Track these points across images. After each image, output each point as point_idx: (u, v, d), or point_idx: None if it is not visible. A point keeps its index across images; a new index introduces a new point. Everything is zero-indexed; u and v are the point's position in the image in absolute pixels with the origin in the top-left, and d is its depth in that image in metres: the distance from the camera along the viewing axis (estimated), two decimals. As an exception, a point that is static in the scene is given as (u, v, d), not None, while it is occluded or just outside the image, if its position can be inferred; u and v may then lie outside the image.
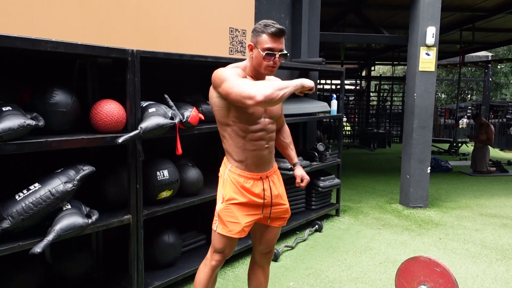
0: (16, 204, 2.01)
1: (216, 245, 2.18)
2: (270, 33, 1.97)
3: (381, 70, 25.45)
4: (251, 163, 2.13)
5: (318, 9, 5.19)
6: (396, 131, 14.56)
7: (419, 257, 2.58)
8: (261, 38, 1.99)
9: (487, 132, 8.24)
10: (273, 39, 1.97)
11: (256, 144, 2.11)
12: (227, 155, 2.19)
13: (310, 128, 5.32)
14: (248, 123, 2.07)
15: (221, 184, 2.19)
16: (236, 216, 2.11)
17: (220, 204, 2.15)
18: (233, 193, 2.12)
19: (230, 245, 2.20)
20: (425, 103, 5.28)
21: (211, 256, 2.22)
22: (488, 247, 4.04)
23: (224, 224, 2.13)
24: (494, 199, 6.06)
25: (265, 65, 2.01)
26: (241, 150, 2.11)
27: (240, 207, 2.12)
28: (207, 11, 3.31)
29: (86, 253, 2.65)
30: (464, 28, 9.94)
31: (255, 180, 2.15)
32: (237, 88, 1.88)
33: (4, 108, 2.01)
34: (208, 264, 2.22)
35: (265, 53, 1.97)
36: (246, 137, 2.09)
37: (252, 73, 2.09)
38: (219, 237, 2.16)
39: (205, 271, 2.22)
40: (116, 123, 2.42)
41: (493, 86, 21.90)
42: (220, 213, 2.14)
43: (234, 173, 2.13)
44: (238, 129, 2.08)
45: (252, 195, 2.14)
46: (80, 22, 2.52)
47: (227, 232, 2.12)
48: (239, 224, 2.12)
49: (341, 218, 4.93)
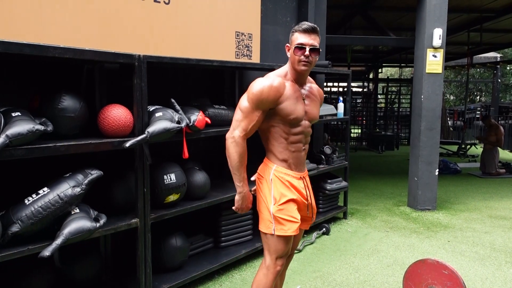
0: (26, 208, 2.04)
1: (278, 250, 2.16)
2: (301, 30, 2.10)
3: (389, 72, 25.33)
4: (292, 162, 2.20)
5: (324, 12, 5.20)
6: (404, 133, 14.47)
7: (427, 260, 2.57)
8: (293, 37, 2.13)
9: (497, 133, 8.17)
10: (304, 35, 2.09)
11: (295, 146, 2.19)
12: (270, 155, 2.22)
13: (316, 130, 5.32)
14: (290, 125, 2.15)
15: (266, 186, 2.20)
16: (292, 213, 2.14)
17: (273, 206, 2.14)
18: (283, 190, 2.16)
19: (290, 244, 2.22)
20: (432, 105, 5.26)
21: (273, 262, 2.17)
22: (498, 250, 4.00)
23: (282, 224, 2.13)
24: (504, 201, 6.00)
25: (298, 60, 2.10)
26: (285, 150, 2.18)
27: (293, 203, 2.17)
28: (214, 15, 3.33)
29: (94, 256, 2.67)
30: (472, 29, 9.88)
31: (297, 179, 2.22)
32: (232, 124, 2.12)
33: (14, 114, 2.04)
34: (272, 271, 2.17)
35: (295, 47, 2.09)
36: (288, 139, 2.17)
37: (292, 75, 2.18)
38: (278, 239, 2.15)
39: (270, 278, 2.16)
40: (123, 127, 2.44)
41: (502, 87, 21.68)
42: (275, 214, 2.13)
43: (280, 172, 2.18)
44: (281, 130, 2.15)
45: (299, 193, 2.21)
46: (88, 28, 2.54)
47: (286, 231, 2.13)
48: (297, 221, 2.16)
49: (349, 220, 4.92)
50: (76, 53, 2.19)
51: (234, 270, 3.42)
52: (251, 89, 2.09)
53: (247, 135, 2.11)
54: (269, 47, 4.44)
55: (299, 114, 2.14)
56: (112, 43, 2.66)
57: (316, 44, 2.11)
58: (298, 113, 2.13)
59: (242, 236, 3.64)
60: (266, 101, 2.06)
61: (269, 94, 2.06)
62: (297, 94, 2.16)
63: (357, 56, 15.04)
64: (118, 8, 2.68)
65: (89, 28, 2.56)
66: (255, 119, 2.09)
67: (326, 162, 4.60)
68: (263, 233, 2.20)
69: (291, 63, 2.16)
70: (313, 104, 2.26)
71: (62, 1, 2.41)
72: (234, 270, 3.42)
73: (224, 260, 3.29)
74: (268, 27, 4.43)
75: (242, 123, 2.08)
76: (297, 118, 2.14)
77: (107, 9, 2.63)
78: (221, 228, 3.52)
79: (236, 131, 2.08)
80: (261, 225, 2.20)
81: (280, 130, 2.15)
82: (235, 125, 2.10)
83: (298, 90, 2.17)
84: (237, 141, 2.07)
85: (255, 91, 2.06)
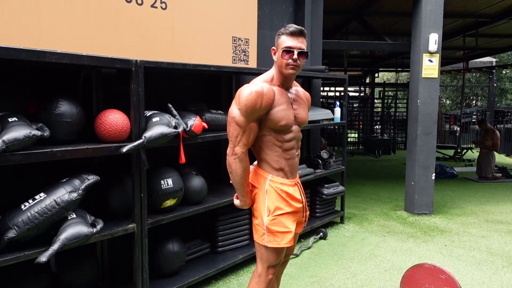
0: (22, 214, 2.03)
1: (271, 260, 2.15)
2: (288, 33, 2.03)
3: (385, 76, 25.43)
4: (288, 170, 2.17)
5: (320, 17, 5.22)
6: (401, 137, 14.51)
7: (424, 264, 2.57)
8: (280, 40, 2.06)
9: (493, 138, 8.20)
10: (291, 38, 2.03)
11: (290, 153, 2.16)
12: (263, 165, 2.16)
13: (313, 135, 5.33)
14: (282, 132, 2.10)
15: (261, 197, 2.14)
16: (285, 225, 2.11)
17: (266, 217, 2.11)
18: (278, 203, 2.12)
19: (282, 254, 2.21)
20: (428, 109, 5.28)
21: (265, 271, 2.16)
22: (494, 254, 4.01)
23: (275, 235, 2.10)
24: (500, 205, 6.02)
25: (285, 64, 2.04)
26: (280, 158, 2.13)
27: (288, 215, 2.13)
28: (211, 21, 3.34)
29: (91, 262, 2.66)
30: (467, 34, 9.93)
31: (292, 186, 2.19)
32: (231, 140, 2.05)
33: (10, 119, 2.04)
34: (263, 280, 2.17)
35: (283, 50, 2.03)
36: (282, 147, 2.12)
37: (279, 79, 2.13)
38: (271, 251, 2.13)
39: (262, 287, 2.17)
40: (120, 132, 2.44)
41: (498, 92, 21.80)
42: (268, 226, 2.10)
43: (276, 182, 2.13)
44: (273, 138, 2.11)
45: (295, 201, 2.17)
46: (85, 33, 2.55)
47: (279, 243, 2.11)
48: (290, 233, 2.13)
49: (346, 225, 4.92)
50: (73, 59, 2.19)
51: (231, 275, 3.41)
52: (241, 99, 2.00)
53: (248, 148, 2.07)
54: (266, 52, 4.44)
55: (289, 119, 2.09)
56: (109, 48, 2.66)
57: (304, 47, 2.05)
58: (288, 118, 2.08)
59: (239, 241, 3.64)
60: (259, 110, 2.00)
61: (262, 102, 1.99)
62: (285, 99, 2.10)
63: (353, 61, 15.10)
64: (115, 14, 2.69)
65: (86, 33, 2.56)
66: (253, 129, 2.04)
67: (323, 166, 4.61)
68: (256, 242, 2.18)
69: (278, 67, 2.09)
70: (301, 108, 2.21)
71: (59, 7, 2.41)
72: (232, 275, 3.41)
73: (221, 265, 3.28)
74: (265, 32, 4.44)
75: (242, 138, 2.02)
76: (287, 124, 2.08)
77: (104, 14, 2.64)
78: (218, 233, 3.51)
79: (237, 148, 2.02)
80: (255, 234, 2.18)
81: (272, 138, 2.10)
82: (235, 141, 2.02)
83: (286, 95, 2.12)
84: (241, 157, 2.02)
85: (247, 101, 1.98)
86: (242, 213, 3.64)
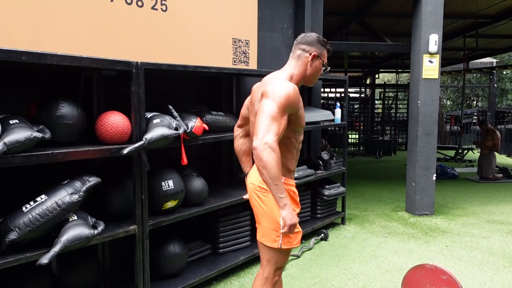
0: (23, 216, 2.04)
1: (280, 261, 2.15)
2: (329, 50, 2.19)
3: (386, 77, 25.42)
4: (293, 170, 2.21)
5: (320, 19, 5.23)
6: (402, 138, 14.52)
7: (425, 265, 2.57)
8: (324, 52, 2.15)
9: (493, 138, 8.21)
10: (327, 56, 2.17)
11: (298, 154, 2.20)
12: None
13: (314, 136, 5.34)
14: (299, 133, 2.14)
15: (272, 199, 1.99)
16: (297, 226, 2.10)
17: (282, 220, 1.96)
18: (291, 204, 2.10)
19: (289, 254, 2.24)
20: (429, 110, 5.28)
21: (273, 273, 2.14)
22: (496, 254, 4.01)
23: (289, 237, 2.08)
24: (501, 206, 6.02)
25: (318, 75, 2.17)
26: (294, 160, 2.17)
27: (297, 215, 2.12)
28: (211, 22, 3.34)
29: (92, 263, 2.66)
30: (467, 34, 9.94)
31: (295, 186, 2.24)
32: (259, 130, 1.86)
33: (11, 121, 2.04)
34: (270, 282, 2.15)
35: (324, 63, 2.14)
36: (297, 148, 2.16)
37: (297, 81, 2.14)
38: (283, 252, 2.13)
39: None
40: (121, 134, 2.45)
41: (499, 92, 21.79)
42: None
43: (288, 184, 2.14)
44: (294, 140, 2.13)
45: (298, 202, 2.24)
46: (85, 36, 2.56)
47: (292, 244, 2.12)
48: (300, 232, 2.16)
49: (347, 226, 4.92)
50: (74, 61, 2.19)
51: (232, 277, 3.41)
52: (277, 93, 1.92)
53: (278, 140, 1.89)
54: (266, 53, 4.46)
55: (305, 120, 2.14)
56: (110, 50, 2.67)
57: None
58: (305, 118, 2.14)
59: (240, 242, 3.64)
60: (292, 105, 1.96)
61: (294, 98, 1.96)
62: None
63: (354, 62, 15.09)
64: (115, 16, 2.70)
65: (87, 36, 2.56)
66: (283, 123, 1.93)
67: (324, 167, 4.61)
68: (263, 245, 2.13)
69: (310, 74, 2.14)
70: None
71: (60, 10, 2.42)
72: (233, 277, 3.41)
73: (222, 267, 3.28)
74: (265, 34, 4.45)
75: (273, 127, 1.86)
76: (304, 125, 2.13)
77: (105, 17, 2.65)
78: (219, 234, 3.51)
79: (268, 136, 1.83)
80: (263, 237, 2.11)
81: (293, 140, 2.11)
82: (264, 130, 1.85)
83: None
84: (272, 146, 1.82)
85: (284, 94, 1.92)
86: (243, 214, 3.64)
